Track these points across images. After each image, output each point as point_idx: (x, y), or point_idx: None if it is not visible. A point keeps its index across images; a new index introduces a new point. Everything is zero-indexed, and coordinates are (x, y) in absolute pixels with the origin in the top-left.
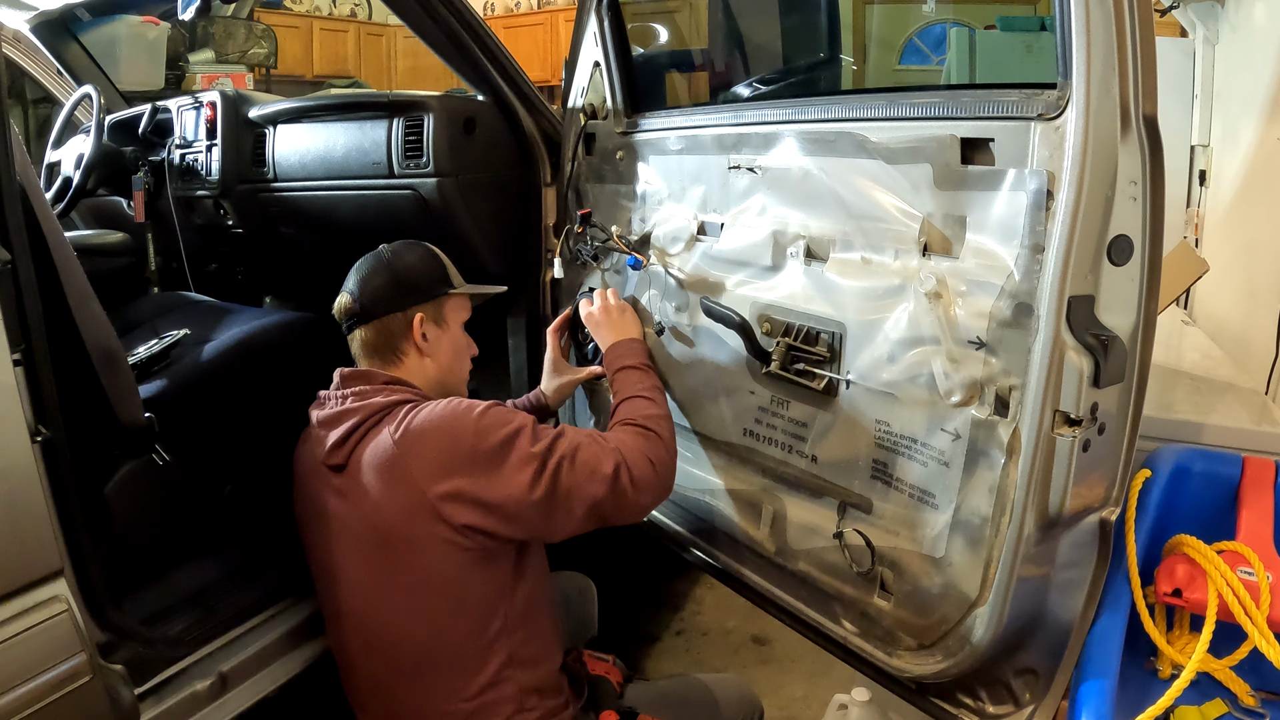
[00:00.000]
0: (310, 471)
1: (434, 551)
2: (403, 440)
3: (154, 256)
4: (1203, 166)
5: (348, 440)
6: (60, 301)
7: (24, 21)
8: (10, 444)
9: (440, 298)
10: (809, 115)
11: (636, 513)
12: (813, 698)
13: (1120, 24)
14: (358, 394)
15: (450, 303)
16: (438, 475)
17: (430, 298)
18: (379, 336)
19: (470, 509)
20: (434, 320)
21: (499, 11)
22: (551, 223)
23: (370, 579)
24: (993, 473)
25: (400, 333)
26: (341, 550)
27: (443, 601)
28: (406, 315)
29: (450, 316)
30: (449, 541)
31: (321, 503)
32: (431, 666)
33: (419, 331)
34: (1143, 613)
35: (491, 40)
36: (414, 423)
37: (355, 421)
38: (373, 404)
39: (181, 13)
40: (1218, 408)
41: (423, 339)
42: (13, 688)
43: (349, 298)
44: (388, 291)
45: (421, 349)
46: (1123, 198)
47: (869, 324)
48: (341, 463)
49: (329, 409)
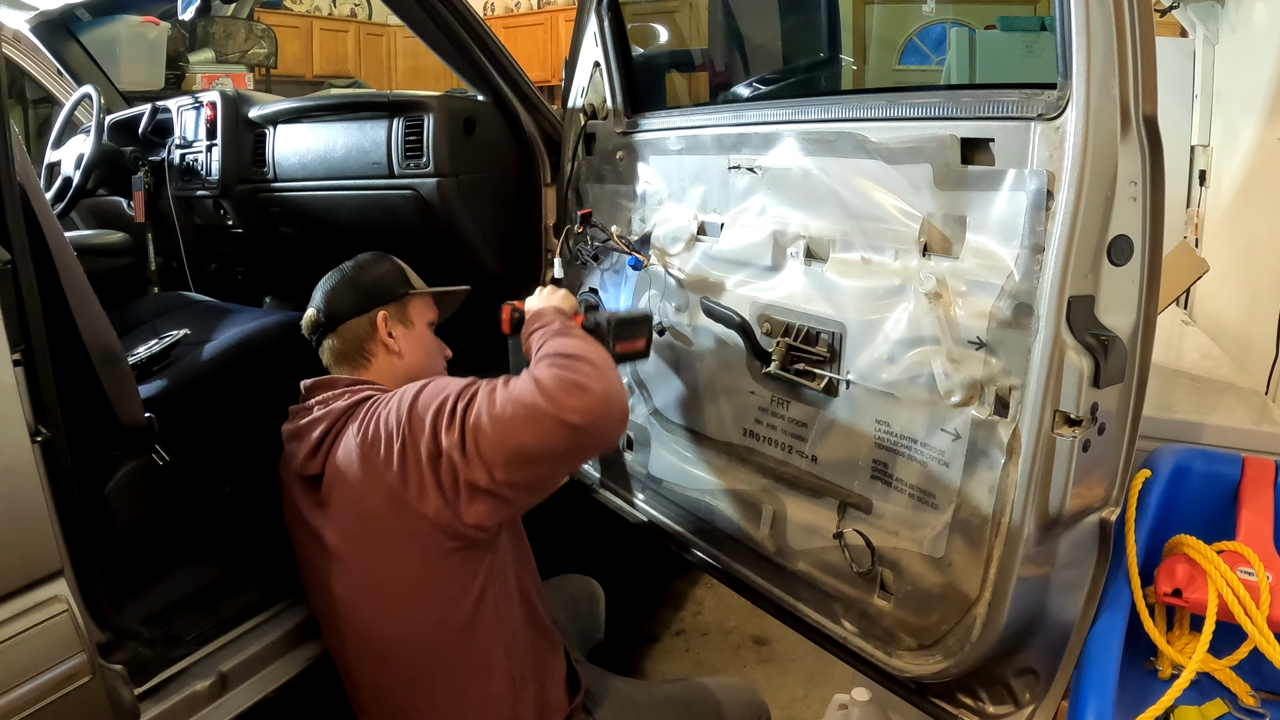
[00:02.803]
0: (292, 486)
1: (409, 547)
2: (363, 441)
3: (154, 256)
4: (1203, 166)
5: (319, 450)
6: (60, 301)
7: (24, 21)
8: (10, 444)
9: (402, 298)
10: (809, 115)
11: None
12: (813, 698)
13: (1120, 24)
14: (321, 402)
15: (413, 303)
16: (392, 463)
17: (392, 298)
18: (345, 343)
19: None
20: (399, 320)
21: (499, 11)
22: (551, 223)
23: (358, 585)
24: (993, 473)
25: (366, 334)
26: (328, 559)
27: (426, 602)
28: (370, 316)
29: (415, 317)
30: (419, 531)
31: (306, 516)
32: (427, 668)
33: (384, 330)
34: (1143, 613)
35: (491, 40)
36: (369, 421)
37: (322, 430)
38: (335, 409)
39: (181, 13)
40: (1218, 408)
41: (389, 337)
42: (13, 688)
43: (313, 311)
44: (350, 297)
45: (389, 347)
46: (1123, 198)
47: (869, 324)
48: (317, 473)
49: (296, 422)
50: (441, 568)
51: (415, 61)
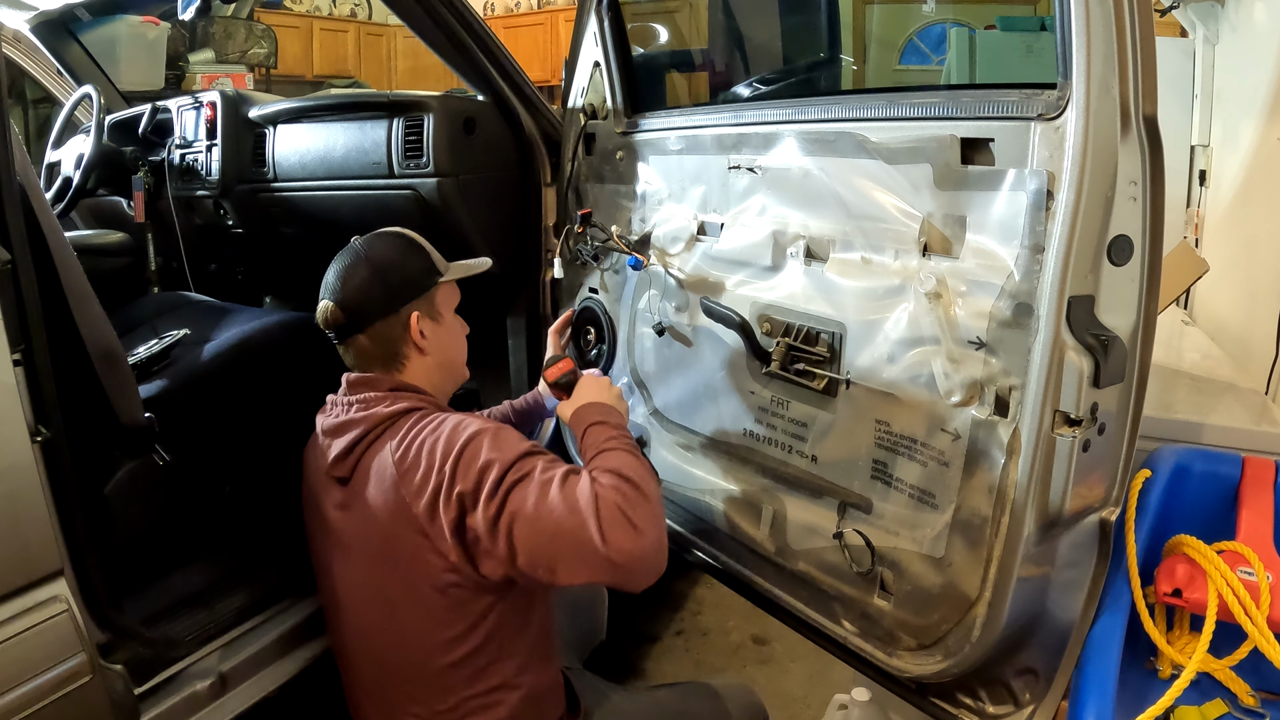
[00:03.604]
0: (316, 479)
1: (424, 571)
2: (400, 460)
3: (154, 256)
4: (1203, 166)
5: (351, 453)
6: (60, 301)
7: (24, 21)
8: (10, 444)
9: (431, 290)
10: (809, 115)
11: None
12: (813, 698)
13: (1120, 24)
14: (363, 403)
15: (440, 292)
16: (423, 496)
17: (422, 292)
18: (377, 346)
19: (448, 536)
20: (430, 316)
21: (499, 11)
22: (551, 223)
23: (367, 589)
24: (993, 473)
25: (399, 337)
26: (342, 559)
27: (434, 620)
28: (401, 317)
29: (443, 307)
30: (433, 566)
31: (325, 512)
32: (425, 681)
33: (417, 331)
34: (1143, 613)
35: (491, 40)
36: (412, 442)
37: (359, 433)
38: (376, 414)
39: (181, 13)
40: (1218, 408)
41: (421, 337)
42: (13, 688)
43: (334, 305)
44: (377, 294)
45: (422, 348)
46: (1123, 198)
47: (869, 324)
48: (346, 475)
49: (334, 417)
50: (451, 599)
51: (415, 61)
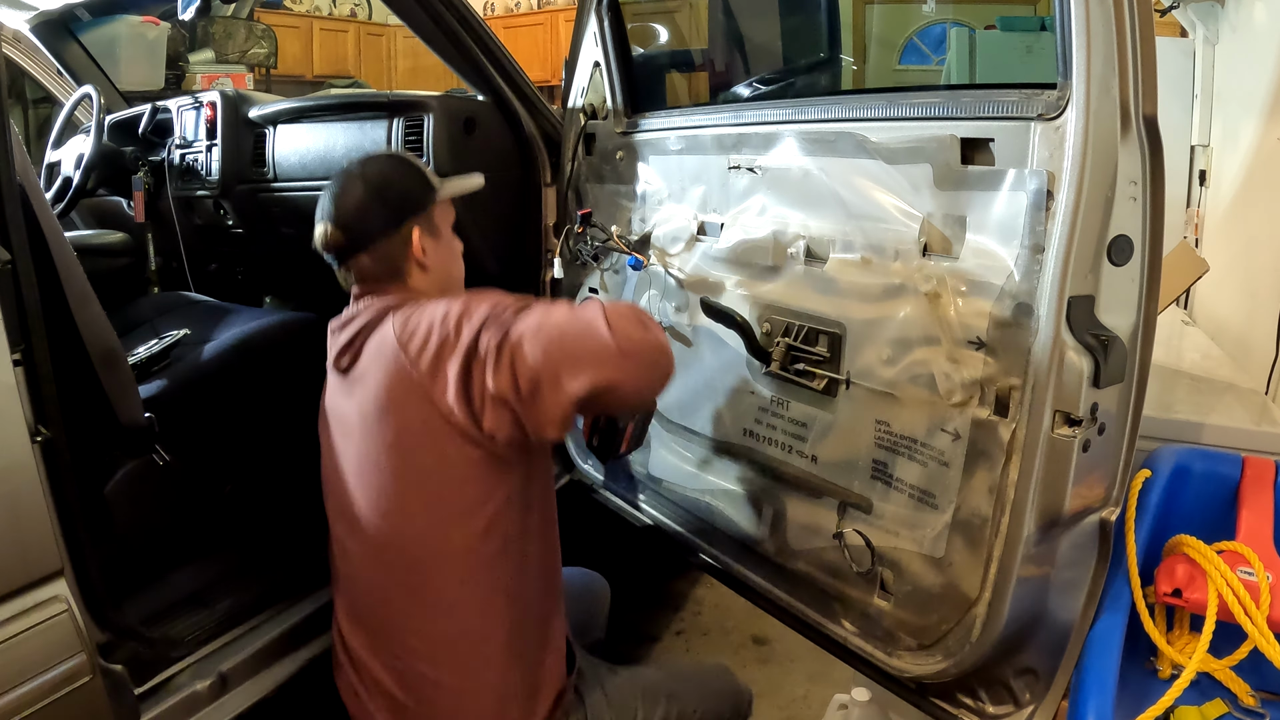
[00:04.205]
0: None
1: (423, 441)
2: (401, 330)
3: (154, 256)
4: (1203, 166)
5: (355, 340)
6: (60, 301)
7: (24, 21)
8: (10, 444)
9: (430, 207)
10: (809, 115)
11: (623, 373)
12: (813, 698)
13: (1120, 24)
14: (368, 302)
15: (438, 209)
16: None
17: (422, 209)
18: (378, 263)
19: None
20: (430, 233)
21: (499, 11)
22: (551, 223)
23: (374, 476)
24: (993, 473)
25: (400, 253)
26: (344, 440)
27: (442, 501)
28: (402, 234)
29: (441, 224)
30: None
31: (330, 403)
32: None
33: (419, 247)
34: (1143, 613)
35: (491, 40)
36: (414, 315)
37: (363, 321)
38: (380, 304)
39: (181, 13)
40: (1218, 408)
41: (422, 253)
42: (13, 688)
43: (332, 227)
44: (376, 211)
45: (424, 264)
46: (1123, 198)
47: (869, 324)
48: (349, 364)
49: (343, 317)
50: (454, 473)
51: (415, 61)
